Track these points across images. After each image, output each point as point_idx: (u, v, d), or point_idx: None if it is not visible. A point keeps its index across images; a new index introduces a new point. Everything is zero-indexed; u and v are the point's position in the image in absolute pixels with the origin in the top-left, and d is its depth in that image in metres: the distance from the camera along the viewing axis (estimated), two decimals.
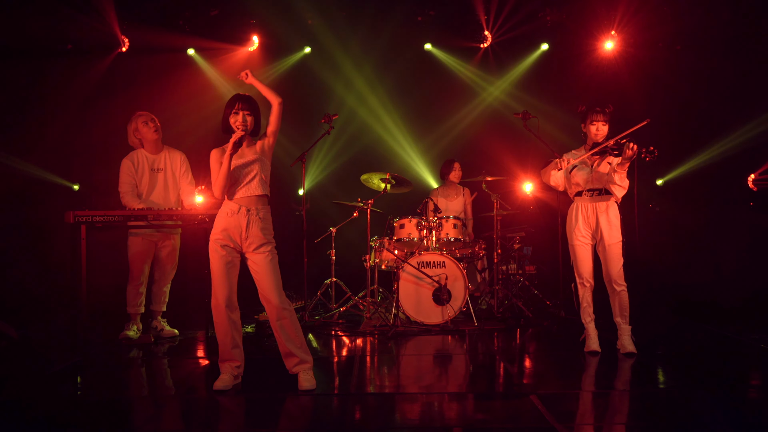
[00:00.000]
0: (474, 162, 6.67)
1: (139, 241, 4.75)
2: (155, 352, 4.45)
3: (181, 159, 4.92)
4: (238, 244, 3.38)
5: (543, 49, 7.35)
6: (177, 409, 3.17)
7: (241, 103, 3.44)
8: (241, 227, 3.35)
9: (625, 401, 3.24)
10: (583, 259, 4.19)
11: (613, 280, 4.09)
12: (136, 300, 4.77)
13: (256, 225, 3.36)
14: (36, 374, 3.82)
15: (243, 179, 3.40)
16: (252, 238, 3.35)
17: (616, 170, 3.98)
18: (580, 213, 4.19)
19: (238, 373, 3.44)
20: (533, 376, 3.80)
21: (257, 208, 3.40)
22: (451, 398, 3.25)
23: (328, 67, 7.27)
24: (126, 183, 4.72)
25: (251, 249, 3.37)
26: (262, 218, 3.40)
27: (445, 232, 5.47)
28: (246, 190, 3.39)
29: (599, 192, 4.14)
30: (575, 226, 4.19)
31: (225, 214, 3.39)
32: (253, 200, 3.39)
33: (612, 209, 4.13)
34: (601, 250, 4.15)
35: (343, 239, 6.20)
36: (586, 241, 4.18)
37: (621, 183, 4.02)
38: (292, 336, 3.40)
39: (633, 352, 4.03)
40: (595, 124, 4.12)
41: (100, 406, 3.22)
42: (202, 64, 7.30)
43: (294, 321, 3.41)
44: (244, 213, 3.36)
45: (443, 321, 5.12)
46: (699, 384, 3.47)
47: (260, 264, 3.37)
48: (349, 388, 3.44)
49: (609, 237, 4.09)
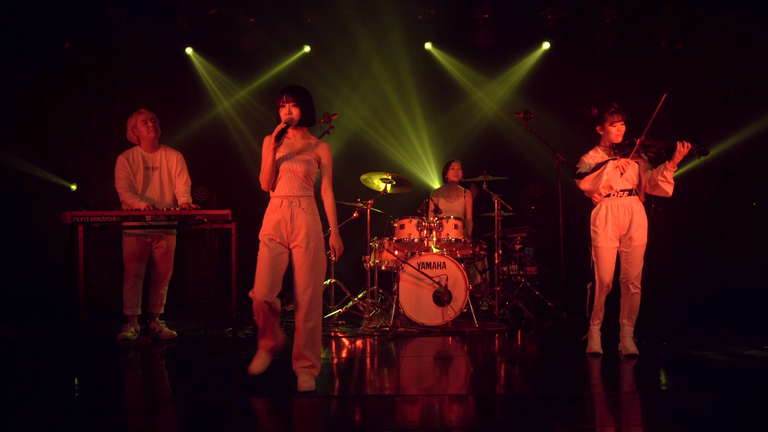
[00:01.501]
0: (475, 162, 6.68)
1: (134, 241, 4.74)
2: (153, 353, 4.45)
3: (178, 158, 4.92)
4: (284, 238, 3.35)
5: (544, 48, 7.36)
6: (175, 412, 3.18)
7: (288, 95, 3.37)
8: (286, 220, 3.33)
9: (627, 403, 3.25)
10: (608, 263, 4.10)
11: (630, 281, 4.07)
12: (133, 301, 4.77)
13: (301, 217, 3.34)
14: (33, 376, 3.82)
15: (286, 173, 3.36)
16: (297, 231, 3.33)
17: (668, 167, 3.95)
18: (610, 214, 4.08)
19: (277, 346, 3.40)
20: (534, 377, 3.80)
21: (299, 199, 3.37)
22: (451, 400, 3.25)
23: (327, 67, 7.28)
24: (122, 179, 4.70)
25: (295, 242, 3.35)
26: (305, 209, 3.37)
27: (446, 233, 5.47)
28: (289, 187, 3.36)
29: (629, 192, 4.09)
30: (604, 228, 4.08)
31: (270, 209, 3.39)
32: (294, 195, 3.36)
33: (641, 210, 4.09)
34: (624, 251, 4.09)
35: (342, 239, 6.18)
36: (614, 245, 4.09)
37: (671, 180, 4.01)
38: (311, 340, 3.38)
39: (635, 354, 4.03)
40: (615, 125, 4.07)
41: (97, 409, 3.23)
42: (200, 63, 7.31)
43: (319, 325, 3.40)
44: (287, 206, 3.35)
45: (444, 322, 5.12)
46: (701, 386, 3.47)
47: (298, 258, 3.35)
48: (348, 389, 3.45)
49: (638, 237, 4.04)
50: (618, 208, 4.08)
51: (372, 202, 5.63)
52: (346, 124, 7.32)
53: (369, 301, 5.54)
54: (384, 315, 5.39)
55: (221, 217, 4.44)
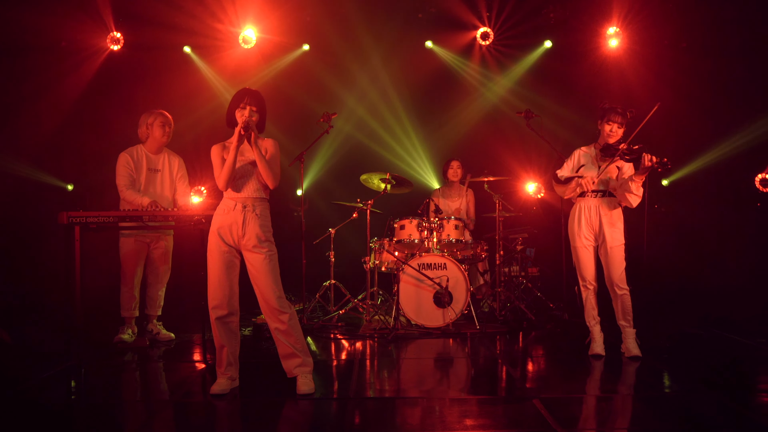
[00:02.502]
0: (476, 162, 6.68)
1: (131, 242, 4.74)
2: (150, 355, 4.45)
3: (180, 163, 4.97)
4: (235, 241, 3.37)
5: (546, 46, 7.36)
6: (173, 414, 3.18)
7: (249, 98, 3.44)
8: (238, 224, 3.35)
9: (629, 406, 3.24)
10: (586, 261, 4.19)
11: (614, 283, 4.09)
12: (130, 303, 4.77)
13: (254, 221, 3.36)
14: (29, 378, 3.82)
15: (241, 177, 3.39)
16: (249, 236, 3.35)
17: (634, 179, 3.94)
18: (582, 215, 4.18)
19: (234, 376, 3.44)
20: (536, 380, 3.80)
21: (254, 204, 3.40)
22: (452, 403, 3.25)
23: (326, 65, 7.28)
24: (125, 176, 4.71)
25: (249, 247, 3.36)
26: (259, 215, 3.39)
27: (447, 234, 5.47)
28: (244, 189, 3.39)
29: (603, 194, 4.14)
30: (577, 228, 4.19)
31: (221, 211, 3.39)
32: (249, 199, 3.39)
33: (615, 211, 4.13)
34: (602, 253, 4.15)
35: (342, 240, 6.21)
36: (589, 243, 4.18)
37: (637, 192, 3.99)
38: (291, 339, 3.40)
39: (638, 356, 4.03)
40: (610, 123, 4.09)
41: (94, 411, 3.23)
42: (198, 61, 7.31)
43: (294, 324, 3.41)
44: (240, 209, 3.36)
45: (444, 324, 5.12)
46: (705, 388, 3.47)
47: (257, 264, 3.36)
48: (348, 392, 3.45)
49: (611, 239, 4.09)
50: (590, 209, 4.16)
51: (372, 202, 5.63)
52: (346, 124, 7.32)
53: (369, 303, 5.54)
54: (384, 317, 5.38)
55: None
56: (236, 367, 3.45)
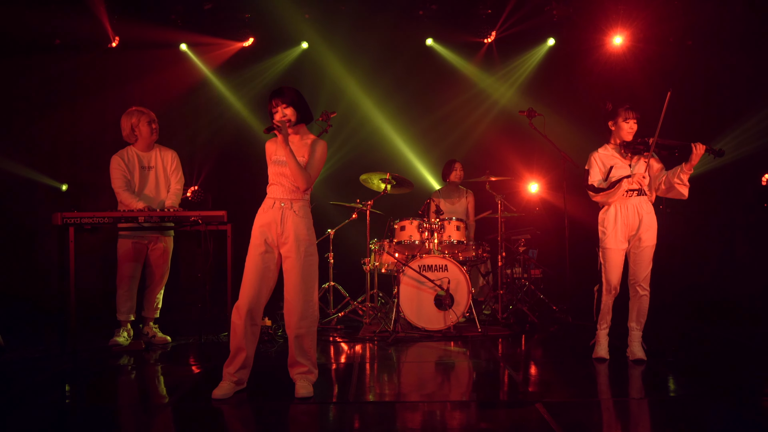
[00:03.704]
0: (477, 162, 6.68)
1: (129, 243, 4.74)
2: (146, 358, 4.45)
3: (173, 156, 4.95)
4: (274, 239, 3.36)
5: (549, 44, 7.36)
6: (168, 418, 3.17)
7: (276, 98, 3.39)
8: (276, 221, 3.35)
9: (634, 410, 3.24)
10: (616, 265, 4.11)
11: (638, 283, 4.08)
12: (126, 306, 4.75)
13: (291, 219, 3.35)
14: (23, 381, 3.82)
15: (279, 175, 3.38)
16: (287, 234, 3.34)
17: (685, 171, 3.96)
18: (620, 215, 4.10)
19: (243, 379, 3.42)
20: (539, 384, 3.80)
21: (291, 202, 3.38)
22: (453, 407, 3.25)
23: (325, 64, 7.28)
24: (119, 178, 4.70)
25: (286, 245, 3.35)
26: (297, 212, 3.38)
27: (448, 235, 5.47)
28: (281, 188, 3.39)
29: (639, 192, 4.10)
30: (613, 230, 4.10)
31: (262, 209, 3.41)
32: (287, 198, 3.38)
33: (651, 210, 4.11)
34: (633, 252, 4.11)
35: (341, 242, 6.21)
36: (622, 246, 4.10)
37: (687, 183, 4.02)
38: (305, 347, 3.39)
39: (643, 359, 4.03)
40: (629, 121, 4.09)
41: (89, 415, 3.22)
42: (195, 60, 7.31)
43: (313, 333, 3.41)
44: (278, 207, 3.37)
45: (445, 327, 5.12)
46: (711, 392, 3.47)
47: (291, 261, 3.35)
48: (347, 396, 3.44)
49: (648, 238, 4.06)
50: (627, 209, 4.09)
51: (371, 202, 5.63)
52: (345, 123, 7.32)
53: (368, 305, 5.55)
54: (384, 319, 5.38)
55: (216, 218, 4.45)
56: (248, 370, 3.43)
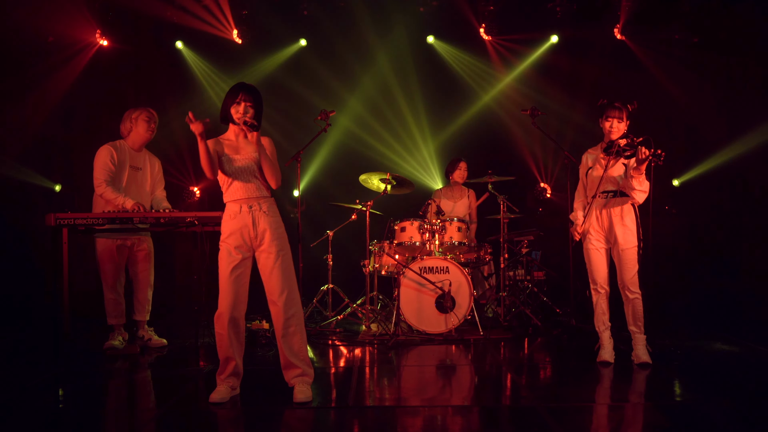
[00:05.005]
0: (480, 162, 6.68)
1: (111, 244, 4.65)
2: (142, 362, 4.45)
3: (159, 166, 5.00)
4: (248, 244, 3.36)
5: (552, 41, 7.37)
6: (166, 422, 3.17)
7: (245, 94, 3.39)
8: (248, 226, 3.34)
9: (639, 415, 3.24)
10: (597, 263, 4.20)
11: (626, 286, 4.09)
12: (117, 310, 4.71)
13: (264, 220, 3.36)
14: (15, 385, 3.82)
15: (242, 177, 3.38)
16: (262, 236, 3.35)
17: (632, 174, 3.95)
18: (593, 215, 4.19)
19: (235, 385, 3.45)
20: (542, 388, 3.80)
21: (260, 203, 3.39)
22: (455, 411, 3.25)
23: (324, 61, 7.29)
24: (105, 171, 4.54)
25: (263, 247, 3.36)
26: (267, 212, 3.39)
27: (449, 236, 5.47)
28: (247, 190, 3.38)
29: (614, 194, 4.12)
30: (588, 230, 4.20)
31: (228, 217, 3.39)
32: (254, 198, 3.39)
33: (627, 212, 4.12)
34: (615, 255, 4.16)
35: (340, 243, 6.22)
36: (600, 245, 4.19)
37: (640, 187, 4.00)
38: (296, 348, 3.40)
39: (648, 363, 4.03)
40: (609, 120, 4.10)
41: (83, 420, 3.22)
42: (191, 57, 7.32)
43: (301, 330, 3.41)
44: (246, 211, 3.36)
45: (447, 330, 5.12)
46: (718, 396, 3.47)
47: (269, 262, 3.35)
48: (347, 400, 3.44)
49: (623, 241, 4.09)
50: (600, 210, 4.17)
51: (371, 203, 5.63)
52: (344, 122, 7.33)
53: (368, 308, 5.54)
54: (384, 322, 5.39)
55: (213, 219, 4.44)
56: (240, 377, 3.46)
